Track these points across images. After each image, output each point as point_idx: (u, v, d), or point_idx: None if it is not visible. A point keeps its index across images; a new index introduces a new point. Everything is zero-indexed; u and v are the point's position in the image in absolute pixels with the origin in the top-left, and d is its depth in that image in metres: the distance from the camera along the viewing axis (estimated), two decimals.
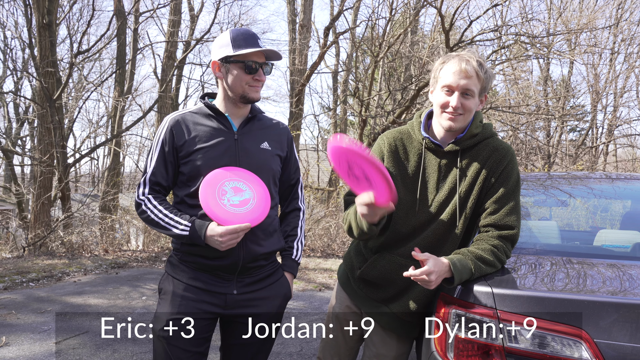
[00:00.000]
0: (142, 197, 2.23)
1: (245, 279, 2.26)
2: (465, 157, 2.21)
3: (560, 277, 2.17)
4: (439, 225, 2.21)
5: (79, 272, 8.06)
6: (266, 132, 2.37)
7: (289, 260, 2.45)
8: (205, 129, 2.24)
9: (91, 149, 15.86)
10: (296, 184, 2.53)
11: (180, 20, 16.50)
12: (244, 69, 2.20)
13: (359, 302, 2.42)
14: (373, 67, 13.38)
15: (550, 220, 3.40)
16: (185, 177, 2.22)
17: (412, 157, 2.29)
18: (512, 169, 2.18)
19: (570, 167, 17.94)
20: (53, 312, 5.71)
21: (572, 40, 14.82)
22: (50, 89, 11.53)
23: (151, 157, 2.26)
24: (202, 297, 2.21)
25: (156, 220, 2.18)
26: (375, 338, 2.39)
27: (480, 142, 2.23)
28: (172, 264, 2.31)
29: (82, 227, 11.04)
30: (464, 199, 2.19)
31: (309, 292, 7.11)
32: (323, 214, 12.13)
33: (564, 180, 3.57)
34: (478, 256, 2.04)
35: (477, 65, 2.11)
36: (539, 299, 1.85)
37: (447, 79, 2.13)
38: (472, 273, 1.99)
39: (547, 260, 2.39)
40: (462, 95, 2.12)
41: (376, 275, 2.31)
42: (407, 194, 2.26)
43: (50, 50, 11.60)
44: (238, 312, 2.25)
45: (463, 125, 2.18)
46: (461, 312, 1.97)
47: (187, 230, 2.13)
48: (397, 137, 2.33)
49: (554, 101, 19.84)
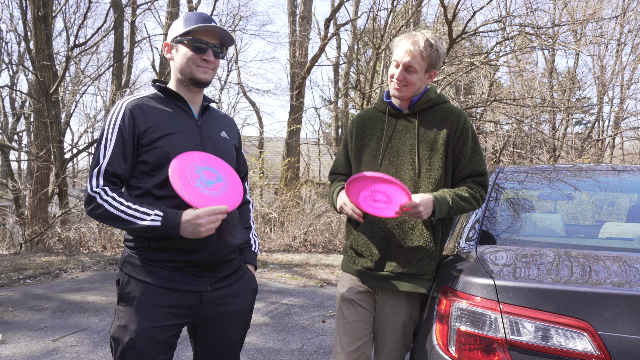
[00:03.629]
0: (97, 189, 1.98)
1: (217, 274, 2.18)
2: (422, 118, 2.55)
3: (564, 270, 2.16)
4: (403, 177, 2.50)
5: (77, 268, 8.08)
6: (221, 121, 2.33)
7: (249, 252, 2.40)
8: (167, 114, 2.12)
9: (89, 143, 15.85)
10: (245, 177, 2.50)
11: (178, 12, 16.43)
12: (191, 47, 2.10)
13: (360, 278, 2.59)
14: (375, 59, 13.36)
15: (555, 214, 3.40)
16: (150, 166, 2.05)
17: (376, 127, 2.64)
18: (469, 125, 2.53)
19: (576, 160, 17.92)
20: (50, 310, 5.72)
21: (577, 31, 14.76)
22: (47, 83, 11.52)
23: (105, 146, 2.04)
24: (175, 300, 2.07)
25: (116, 214, 1.94)
26: (383, 306, 2.54)
27: (435, 106, 2.57)
28: (134, 264, 2.09)
29: (79, 223, 11.04)
30: (428, 154, 2.49)
31: (310, 288, 7.12)
32: (324, 209, 12.13)
33: (569, 172, 3.56)
34: (455, 193, 2.41)
35: (424, 46, 2.43)
36: (543, 291, 1.85)
37: (396, 55, 2.49)
38: (450, 206, 2.34)
39: (550, 252, 2.39)
40: (405, 70, 2.46)
41: (363, 241, 2.55)
42: (373, 154, 2.59)
43: (46, 43, 11.59)
44: (212, 311, 2.16)
45: (407, 95, 2.52)
46: (463, 304, 1.97)
47: (158, 220, 1.93)
48: (364, 114, 2.73)
49: (559, 93, 19.79)
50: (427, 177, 2.46)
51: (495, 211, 2.94)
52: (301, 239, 10.94)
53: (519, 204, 3.12)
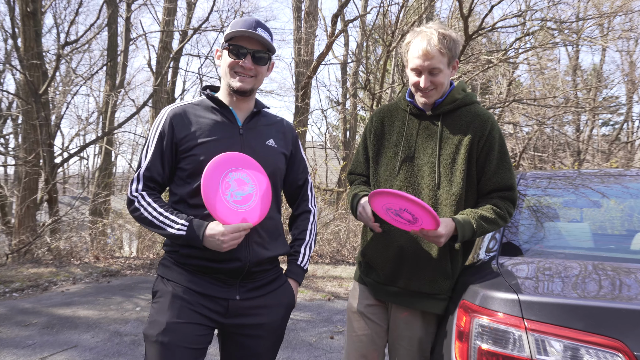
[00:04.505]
0: (135, 194, 2.21)
1: (247, 284, 2.26)
2: (446, 121, 2.48)
3: (593, 284, 2.14)
4: (422, 187, 2.45)
5: (67, 281, 8.09)
6: (271, 128, 2.42)
7: (294, 266, 2.46)
8: (208, 122, 2.26)
9: (80, 147, 15.91)
10: (305, 185, 2.57)
11: (176, 7, 16.53)
12: (230, 52, 2.24)
13: (372, 291, 2.59)
14: (385, 57, 13.35)
15: (581, 222, 3.37)
16: (186, 173, 2.21)
17: (397, 125, 2.59)
18: (497, 132, 2.43)
19: (603, 164, 17.83)
20: (39, 325, 5.72)
21: (604, 25, 14.71)
22: (36, 83, 11.58)
23: (146, 151, 2.25)
24: (202, 301, 2.19)
25: (149, 219, 2.16)
26: (397, 321, 2.53)
27: (461, 108, 2.49)
28: (166, 266, 2.28)
29: (70, 233, 11.07)
30: (449, 161, 2.42)
31: (317, 301, 7.09)
32: (332, 217, 12.11)
33: (596, 178, 3.53)
34: (480, 215, 2.32)
35: (438, 41, 2.33)
36: (571, 306, 1.82)
37: (413, 63, 2.40)
38: (474, 231, 2.28)
39: (578, 264, 2.36)
40: (429, 74, 2.38)
41: (376, 252, 2.52)
42: (390, 157, 2.55)
43: (35, 40, 11.65)
44: (240, 321, 2.24)
45: (437, 97, 2.45)
46: (484, 321, 1.95)
47: (183, 229, 2.11)
48: (385, 110, 2.68)
49: (584, 92, 19.72)
50: (446, 188, 2.41)
51: (517, 220, 2.91)
52: None
53: (542, 213, 3.09)
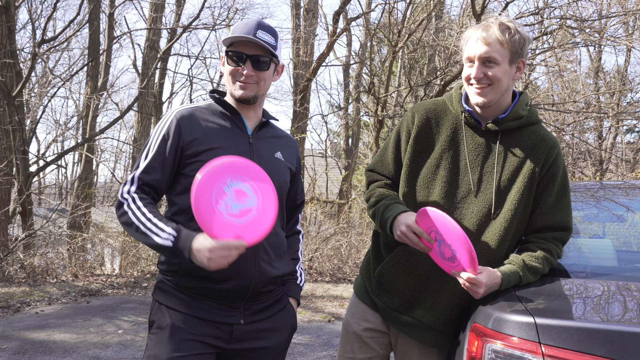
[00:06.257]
0: (126, 196, 2.17)
1: (252, 307, 2.28)
2: (506, 140, 2.34)
3: (617, 306, 2.14)
4: (471, 212, 2.33)
5: (42, 301, 8.07)
6: (279, 141, 2.45)
7: (292, 285, 2.51)
8: (218, 127, 2.28)
9: (58, 155, 15.95)
10: (300, 206, 2.64)
11: (164, 3, 16.60)
12: (229, 59, 2.26)
13: (381, 314, 2.52)
14: (391, 58, 13.40)
15: (603, 239, 3.37)
16: (190, 180, 2.12)
17: (444, 131, 2.40)
18: (561, 162, 2.34)
19: (627, 175, 17.84)
20: (9, 351, 5.70)
21: (629, 24, 14.78)
22: (9, 84, 11.58)
23: (146, 152, 2.24)
24: (204, 329, 2.19)
25: (136, 224, 2.09)
26: (409, 353, 2.50)
27: (525, 127, 2.35)
28: (164, 290, 2.26)
29: (46, 248, 11.04)
30: (504, 187, 2.30)
31: (317, 323, 7.10)
32: (332, 231, 12.09)
33: (620, 190, 3.54)
34: (530, 266, 2.22)
35: (499, 30, 2.21)
36: (593, 331, 1.82)
37: (467, 51, 2.29)
38: (520, 282, 2.20)
39: (601, 285, 2.36)
40: (483, 64, 2.24)
41: (396, 274, 2.40)
42: (431, 171, 2.39)
43: (8, 37, 11.65)
44: (243, 346, 2.26)
45: (494, 98, 2.28)
46: (498, 346, 1.95)
47: (170, 239, 2.04)
48: (431, 109, 2.46)
49: (607, 96, 19.78)
50: (500, 221, 2.31)
51: None
52: (306, 266, 10.90)
53: None
